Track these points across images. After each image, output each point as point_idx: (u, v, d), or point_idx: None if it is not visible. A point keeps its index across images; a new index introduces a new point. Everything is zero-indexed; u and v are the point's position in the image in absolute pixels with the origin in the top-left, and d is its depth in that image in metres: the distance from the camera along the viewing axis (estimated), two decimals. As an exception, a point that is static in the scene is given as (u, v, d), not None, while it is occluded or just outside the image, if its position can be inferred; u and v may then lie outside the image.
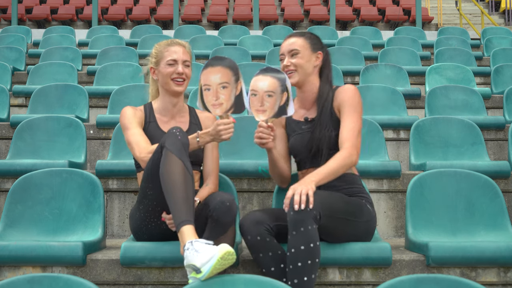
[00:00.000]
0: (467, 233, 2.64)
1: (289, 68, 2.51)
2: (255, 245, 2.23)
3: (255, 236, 2.22)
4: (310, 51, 2.54)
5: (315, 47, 2.56)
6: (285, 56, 2.53)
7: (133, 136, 2.49)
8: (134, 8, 12.08)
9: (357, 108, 2.46)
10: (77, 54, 6.42)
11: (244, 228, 2.25)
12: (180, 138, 2.24)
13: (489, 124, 4.16)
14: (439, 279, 1.68)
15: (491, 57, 6.39)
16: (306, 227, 2.10)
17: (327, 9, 11.64)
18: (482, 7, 10.61)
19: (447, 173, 2.76)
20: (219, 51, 6.38)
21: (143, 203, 2.35)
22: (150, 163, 2.29)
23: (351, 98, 2.47)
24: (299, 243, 2.10)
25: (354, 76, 5.93)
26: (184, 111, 2.68)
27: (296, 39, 2.55)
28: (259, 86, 2.35)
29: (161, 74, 2.58)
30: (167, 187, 2.15)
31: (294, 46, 2.52)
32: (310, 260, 2.10)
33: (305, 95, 2.58)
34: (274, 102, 2.35)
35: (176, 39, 2.68)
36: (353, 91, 2.49)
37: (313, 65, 2.55)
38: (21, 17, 11.41)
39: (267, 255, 2.23)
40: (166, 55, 2.58)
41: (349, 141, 2.40)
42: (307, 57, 2.52)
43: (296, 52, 2.51)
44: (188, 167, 2.20)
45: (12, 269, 2.39)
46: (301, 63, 2.51)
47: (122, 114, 2.58)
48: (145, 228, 2.39)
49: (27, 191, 2.71)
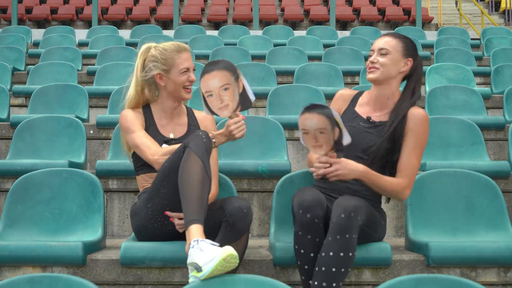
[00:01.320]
0: (467, 233, 2.63)
1: (374, 65, 2.44)
2: (310, 225, 2.14)
3: (314, 218, 2.14)
4: (400, 55, 2.44)
5: (407, 53, 2.45)
6: (374, 52, 2.46)
7: (140, 138, 2.44)
8: (134, 8, 12.08)
9: (423, 144, 2.41)
10: (77, 54, 6.43)
11: (306, 204, 2.14)
12: (205, 141, 2.23)
13: (489, 124, 4.16)
14: (439, 279, 1.68)
15: (491, 57, 6.39)
16: (351, 235, 2.07)
17: (327, 9, 11.64)
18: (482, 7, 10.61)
19: (447, 173, 2.76)
20: (219, 51, 6.38)
21: (153, 201, 2.32)
22: (168, 162, 2.27)
23: (424, 132, 2.40)
24: (340, 249, 2.06)
25: (354, 76, 5.93)
26: (182, 113, 2.64)
27: (390, 39, 2.46)
28: (308, 125, 2.22)
29: (173, 82, 2.51)
30: (184, 184, 2.14)
31: (385, 45, 2.43)
32: (344, 268, 2.07)
33: (378, 94, 2.49)
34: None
35: (180, 43, 2.59)
36: (427, 123, 2.40)
37: (399, 70, 2.45)
38: (21, 17, 11.40)
39: (314, 240, 2.15)
40: (178, 63, 2.50)
41: (409, 177, 2.35)
42: (395, 60, 2.43)
43: (386, 52, 2.43)
44: (208, 170, 2.18)
45: (12, 269, 2.39)
46: (387, 63, 2.42)
47: (123, 117, 2.52)
48: (150, 227, 2.37)
49: (27, 191, 2.70)
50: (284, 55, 6.24)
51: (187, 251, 2.01)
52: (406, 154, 2.37)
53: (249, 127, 3.53)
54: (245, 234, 2.28)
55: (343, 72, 5.59)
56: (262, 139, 3.47)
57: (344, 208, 2.09)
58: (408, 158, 2.37)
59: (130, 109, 2.56)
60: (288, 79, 5.82)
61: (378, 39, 2.49)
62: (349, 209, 2.09)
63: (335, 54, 6.36)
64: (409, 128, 2.39)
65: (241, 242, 2.25)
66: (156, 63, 2.52)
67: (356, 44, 7.08)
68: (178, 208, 2.25)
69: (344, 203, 2.11)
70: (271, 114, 4.27)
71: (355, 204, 2.11)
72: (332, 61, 5.98)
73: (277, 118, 3.87)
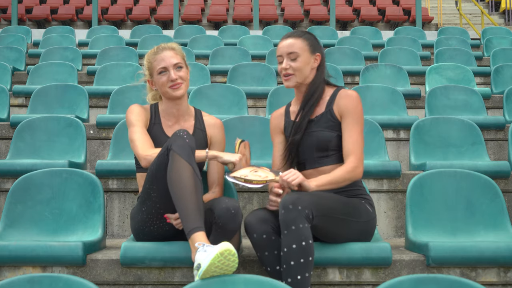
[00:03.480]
0: (467, 233, 2.64)
1: (288, 72, 2.47)
2: (261, 243, 2.23)
3: (261, 235, 2.22)
4: (309, 54, 2.48)
5: (314, 49, 2.50)
6: (283, 58, 2.48)
7: (136, 133, 2.46)
8: (134, 8, 12.08)
9: (360, 119, 2.44)
10: (77, 54, 6.43)
11: (249, 226, 2.24)
12: (188, 141, 2.22)
13: (489, 124, 4.16)
14: (439, 279, 1.68)
15: (491, 57, 6.39)
16: (298, 225, 2.11)
17: (327, 9, 11.64)
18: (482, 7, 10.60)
19: (447, 173, 2.76)
20: (219, 51, 6.38)
21: (146, 205, 2.33)
22: (154, 165, 2.27)
23: (355, 108, 2.44)
24: (291, 242, 2.10)
25: (354, 76, 5.93)
26: (189, 114, 2.63)
27: (294, 40, 2.48)
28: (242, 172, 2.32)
29: (157, 84, 2.55)
30: (177, 193, 2.14)
31: (293, 49, 2.46)
32: (303, 258, 2.10)
33: (302, 94, 2.54)
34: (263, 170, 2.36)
35: (163, 43, 2.60)
36: (357, 100, 2.45)
37: (311, 67, 2.50)
38: (21, 17, 11.40)
39: (272, 253, 2.23)
40: (155, 65, 2.53)
41: (355, 154, 2.40)
42: (306, 60, 2.47)
43: (296, 56, 2.45)
44: (196, 172, 2.19)
45: (12, 269, 2.39)
46: (300, 66, 2.46)
47: (131, 110, 2.55)
48: (147, 230, 2.38)
49: (27, 191, 2.70)
50: (284, 55, 6.22)
51: (193, 259, 2.01)
52: (347, 134, 2.42)
53: (250, 127, 3.55)
54: (236, 234, 2.30)
55: (343, 72, 5.59)
56: (262, 139, 3.47)
57: (283, 204, 2.15)
58: (350, 137, 2.42)
59: (139, 105, 2.59)
60: (288, 79, 5.81)
61: (282, 43, 2.51)
62: (288, 203, 2.13)
63: (335, 54, 6.36)
64: (341, 111, 2.45)
65: (232, 242, 2.25)
66: (144, 69, 2.61)
67: (356, 44, 7.08)
68: (171, 207, 2.25)
69: (283, 200, 2.16)
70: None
71: (293, 197, 2.15)
72: (332, 61, 5.98)
73: (277, 118, 3.86)
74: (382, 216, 3.24)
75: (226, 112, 4.37)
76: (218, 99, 4.48)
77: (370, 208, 2.42)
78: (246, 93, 4.62)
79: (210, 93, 4.50)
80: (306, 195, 2.19)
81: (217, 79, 5.84)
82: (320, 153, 2.45)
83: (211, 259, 1.89)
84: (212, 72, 5.73)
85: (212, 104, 4.43)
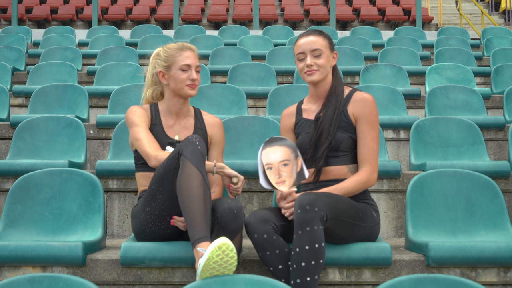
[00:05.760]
0: (467, 233, 2.64)
1: (312, 68, 2.50)
2: (262, 243, 2.22)
3: (262, 235, 2.21)
4: (329, 51, 2.55)
5: (332, 47, 2.58)
6: (306, 55, 2.51)
7: (142, 133, 2.45)
8: (134, 8, 12.08)
9: (375, 124, 2.47)
10: (77, 54, 6.43)
11: (250, 226, 2.24)
12: (200, 148, 2.21)
13: (489, 124, 4.16)
14: (439, 279, 1.68)
15: (491, 57, 6.39)
16: (312, 227, 2.10)
17: (327, 9, 11.65)
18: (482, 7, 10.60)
19: (447, 173, 2.76)
20: (219, 51, 6.38)
21: (150, 205, 2.32)
22: (163, 167, 2.25)
23: (371, 113, 2.47)
24: (304, 243, 2.10)
25: (354, 76, 5.93)
26: (190, 114, 2.64)
27: (317, 38, 2.53)
28: (272, 158, 2.39)
29: (174, 79, 2.53)
30: (185, 200, 2.13)
31: (317, 46, 2.51)
32: (314, 260, 2.10)
33: (319, 90, 2.56)
34: (291, 170, 2.38)
35: (185, 43, 2.63)
36: (373, 105, 2.48)
37: (331, 65, 2.56)
38: (21, 17, 11.41)
39: (274, 253, 2.22)
40: (179, 60, 2.53)
41: (370, 163, 2.43)
42: (328, 57, 2.54)
43: (320, 53, 2.51)
44: (206, 180, 2.18)
45: (12, 269, 2.39)
46: (324, 63, 2.51)
47: (131, 111, 2.54)
48: (149, 230, 2.38)
49: (27, 191, 2.70)
50: (284, 55, 6.24)
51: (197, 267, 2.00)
52: (363, 141, 2.44)
53: (250, 127, 3.55)
54: (238, 234, 2.29)
55: (343, 72, 5.59)
56: (262, 139, 3.47)
57: (299, 203, 2.14)
58: (366, 144, 2.44)
59: (138, 106, 2.59)
60: (288, 79, 5.82)
61: (303, 40, 2.54)
62: (304, 203, 2.13)
63: (335, 54, 6.35)
64: (357, 114, 2.48)
65: (234, 242, 2.25)
66: (159, 61, 2.58)
67: (356, 44, 7.08)
68: (175, 210, 2.26)
69: (299, 199, 2.16)
70: (271, 114, 4.27)
71: (310, 198, 2.15)
72: (332, 61, 5.97)
73: (277, 118, 3.86)
74: (382, 216, 3.24)
75: (226, 112, 4.37)
76: (218, 99, 4.48)
77: (375, 214, 2.44)
78: (246, 93, 4.62)
79: (210, 93, 4.50)
80: (323, 196, 2.19)
81: (217, 79, 5.85)
82: (330, 153, 2.46)
83: (209, 253, 1.90)
84: (212, 72, 5.74)
85: (212, 104, 4.43)
